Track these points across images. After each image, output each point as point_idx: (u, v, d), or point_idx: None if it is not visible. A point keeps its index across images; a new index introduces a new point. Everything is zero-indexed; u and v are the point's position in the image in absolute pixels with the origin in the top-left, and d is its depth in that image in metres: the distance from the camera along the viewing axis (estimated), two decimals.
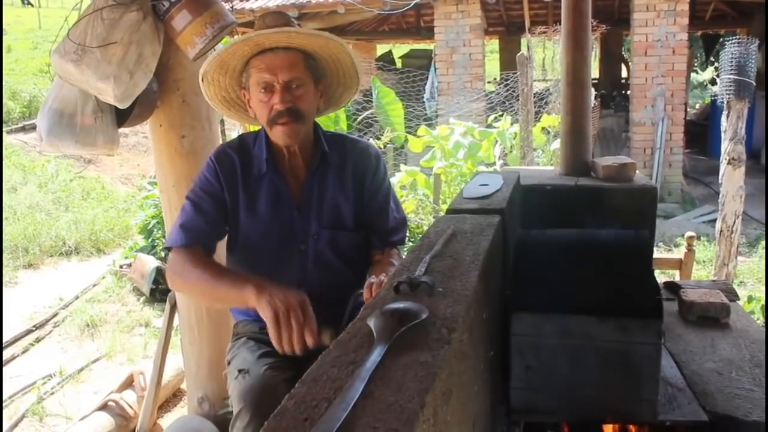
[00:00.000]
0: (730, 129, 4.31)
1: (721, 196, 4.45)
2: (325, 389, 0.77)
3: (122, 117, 2.65)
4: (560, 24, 2.31)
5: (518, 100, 6.84)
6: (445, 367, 0.83)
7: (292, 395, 0.76)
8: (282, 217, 1.95)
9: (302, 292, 1.63)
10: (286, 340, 1.54)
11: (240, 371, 1.84)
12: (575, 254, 1.51)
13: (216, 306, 1.85)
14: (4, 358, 4.58)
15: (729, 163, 4.33)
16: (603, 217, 2.10)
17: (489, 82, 12.34)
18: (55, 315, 5.46)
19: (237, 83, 1.97)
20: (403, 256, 1.94)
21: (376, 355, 0.83)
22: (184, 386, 3.66)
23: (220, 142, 2.92)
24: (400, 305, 0.97)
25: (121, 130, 2.72)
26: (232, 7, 2.87)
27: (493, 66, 15.72)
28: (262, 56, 1.85)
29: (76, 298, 5.85)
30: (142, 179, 10.24)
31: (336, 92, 2.08)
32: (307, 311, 1.58)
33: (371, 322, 0.93)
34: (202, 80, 1.94)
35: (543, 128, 6.97)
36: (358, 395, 0.74)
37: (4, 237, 7.15)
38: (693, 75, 18.48)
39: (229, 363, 1.98)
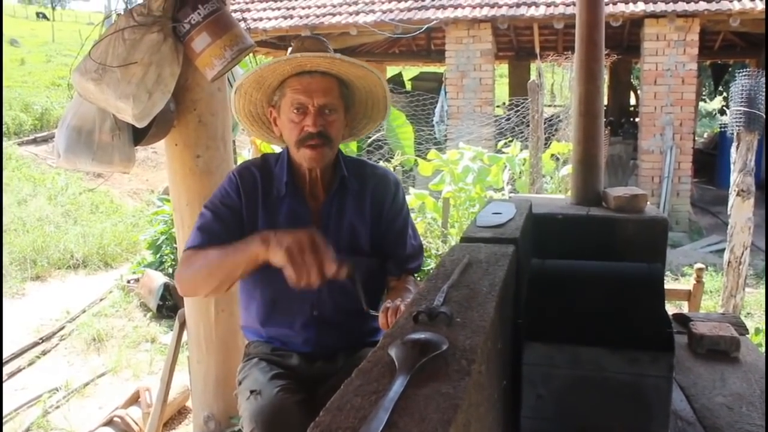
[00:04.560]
0: (740, 161, 4.33)
1: (729, 227, 4.45)
2: (349, 418, 0.78)
3: (139, 136, 2.68)
4: (570, 51, 2.33)
5: (528, 126, 6.87)
6: (465, 398, 0.83)
7: (317, 423, 0.77)
8: None
9: (311, 229, 1.59)
10: (305, 274, 1.51)
11: (252, 392, 1.84)
12: (588, 285, 1.52)
13: (229, 283, 1.80)
14: (9, 371, 4.59)
15: (738, 194, 4.34)
16: (614, 248, 2.11)
17: (498, 107, 12.39)
18: (61, 328, 5.49)
19: (267, 100, 1.98)
20: (419, 282, 1.95)
21: (398, 385, 0.84)
22: (189, 404, 3.66)
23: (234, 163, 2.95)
24: (421, 336, 0.98)
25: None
26: (247, 28, 2.92)
27: (501, 90, 15.80)
28: (299, 77, 1.87)
29: (83, 311, 5.87)
30: (150, 194, 10.31)
31: (360, 123, 2.11)
32: (320, 244, 1.54)
33: (392, 352, 0.94)
34: (236, 92, 1.96)
35: (552, 155, 6.99)
36: (382, 426, 0.74)
37: (13, 249, 7.20)
38: (701, 104, 18.53)
39: (240, 383, 1.97)
